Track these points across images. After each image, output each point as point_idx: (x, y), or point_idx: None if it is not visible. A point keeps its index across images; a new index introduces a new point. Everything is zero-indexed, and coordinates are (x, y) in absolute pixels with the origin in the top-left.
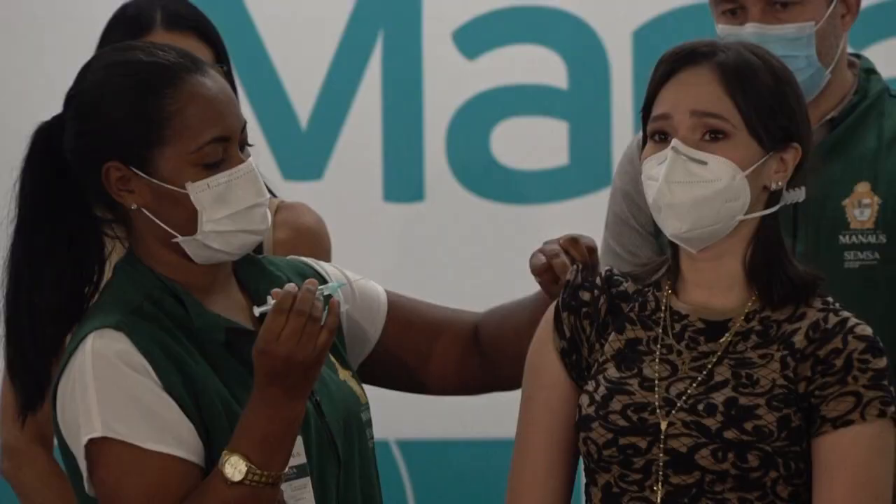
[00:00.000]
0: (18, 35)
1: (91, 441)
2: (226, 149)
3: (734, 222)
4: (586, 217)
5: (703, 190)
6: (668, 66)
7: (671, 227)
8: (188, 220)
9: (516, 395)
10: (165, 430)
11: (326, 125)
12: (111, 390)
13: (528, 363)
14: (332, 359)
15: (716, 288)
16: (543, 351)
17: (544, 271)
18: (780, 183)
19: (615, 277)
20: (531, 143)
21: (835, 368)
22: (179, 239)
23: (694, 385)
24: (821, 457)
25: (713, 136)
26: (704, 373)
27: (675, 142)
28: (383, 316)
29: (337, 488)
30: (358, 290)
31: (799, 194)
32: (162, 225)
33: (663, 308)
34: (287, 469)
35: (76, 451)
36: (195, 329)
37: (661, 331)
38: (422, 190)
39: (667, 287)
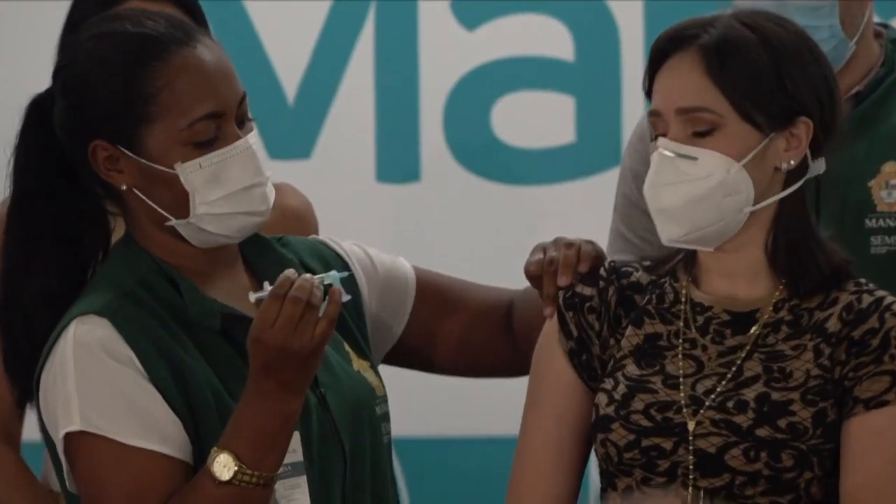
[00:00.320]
0: (15, 6)
1: (69, 435)
2: (220, 125)
3: (743, 215)
4: (594, 199)
5: (694, 189)
6: (656, 52)
7: (667, 233)
8: (180, 203)
9: (515, 390)
10: (149, 425)
11: (315, 100)
12: (92, 381)
13: (533, 365)
14: (347, 348)
15: (739, 277)
16: (549, 352)
17: (533, 279)
18: (791, 162)
19: (623, 268)
20: (535, 120)
21: (871, 348)
22: (173, 222)
23: (723, 382)
24: (852, 438)
25: (703, 131)
26: (734, 369)
27: (661, 140)
28: (412, 297)
29: (343, 488)
30: (383, 270)
31: (818, 166)
32: (154, 207)
33: (683, 300)
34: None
35: (57, 444)
36: (190, 316)
37: (682, 324)
38: (417, 170)
39: (686, 277)
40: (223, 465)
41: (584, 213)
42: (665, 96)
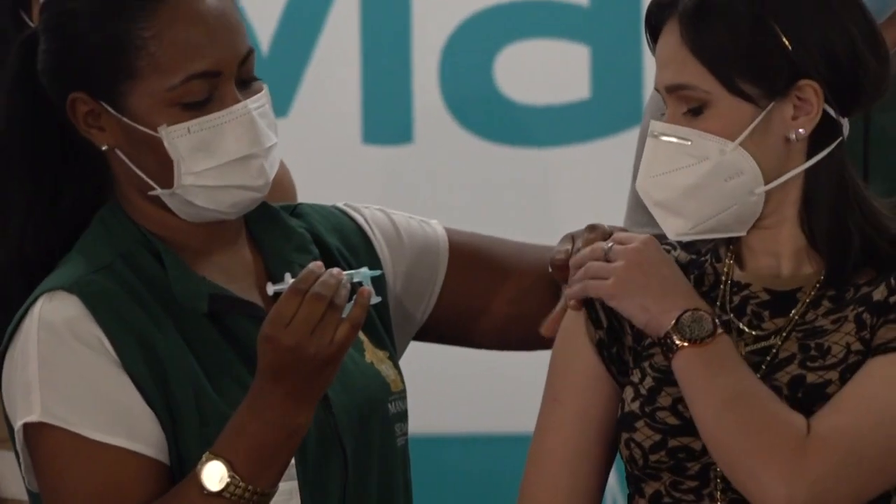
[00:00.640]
0: None
1: (27, 425)
2: (216, 86)
3: (756, 196)
4: (610, 163)
5: (688, 177)
6: (648, 24)
7: (672, 228)
8: (165, 170)
9: (527, 385)
10: (118, 418)
11: (293, 50)
12: (56, 366)
13: (555, 356)
14: (362, 336)
15: (783, 255)
16: (575, 344)
17: (559, 270)
18: (801, 131)
19: (661, 245)
20: (544, 73)
21: None
22: (158, 192)
23: (758, 374)
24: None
25: (694, 108)
26: (768, 357)
27: (652, 125)
28: (443, 268)
29: (342, 497)
30: (411, 240)
31: (844, 129)
32: (139, 173)
33: (724, 281)
34: None
35: (16, 435)
36: (174, 296)
37: (718, 307)
38: (410, 130)
39: (728, 256)
40: (214, 474)
41: (599, 178)
42: (657, 72)
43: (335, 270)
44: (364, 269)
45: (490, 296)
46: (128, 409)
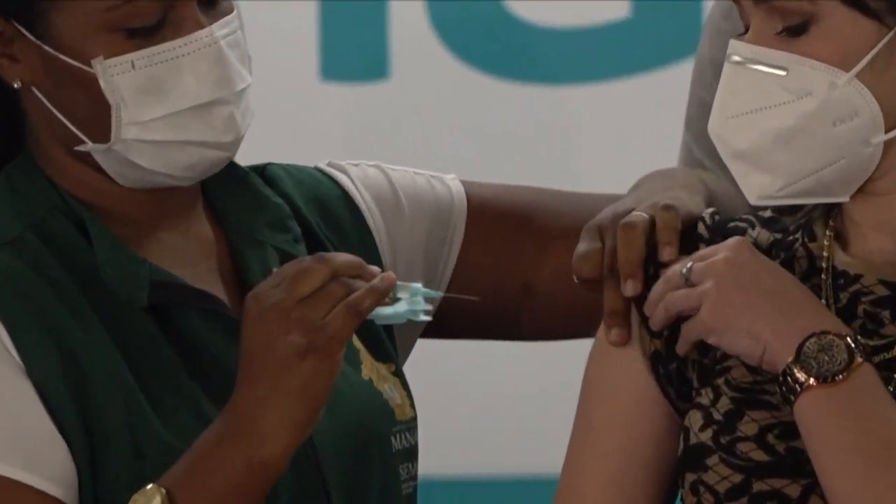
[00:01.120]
0: None
1: None
2: (171, 6)
3: (873, 148)
4: (656, 105)
5: (783, 118)
6: None
7: (756, 189)
8: (100, 118)
9: (551, 420)
10: (13, 441)
11: None
12: None
13: (590, 373)
14: (358, 345)
15: None
16: (620, 356)
17: (588, 283)
18: None
19: (732, 224)
20: None
21: None
22: (88, 147)
23: None
24: None
25: (794, 28)
26: (893, 373)
27: (732, 46)
28: (459, 239)
29: None
30: (412, 204)
31: None
32: (63, 120)
33: (823, 269)
34: None
35: None
36: (104, 282)
37: None
38: (385, 62)
39: (825, 234)
40: None
41: (640, 127)
42: None
43: (374, 267)
44: (417, 285)
45: (525, 271)
46: (28, 430)
